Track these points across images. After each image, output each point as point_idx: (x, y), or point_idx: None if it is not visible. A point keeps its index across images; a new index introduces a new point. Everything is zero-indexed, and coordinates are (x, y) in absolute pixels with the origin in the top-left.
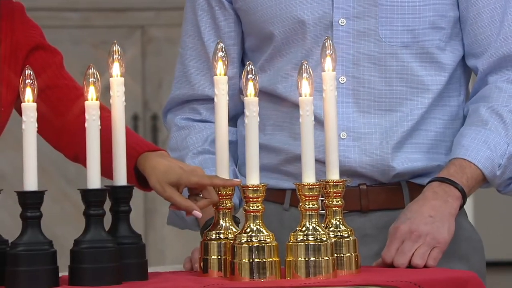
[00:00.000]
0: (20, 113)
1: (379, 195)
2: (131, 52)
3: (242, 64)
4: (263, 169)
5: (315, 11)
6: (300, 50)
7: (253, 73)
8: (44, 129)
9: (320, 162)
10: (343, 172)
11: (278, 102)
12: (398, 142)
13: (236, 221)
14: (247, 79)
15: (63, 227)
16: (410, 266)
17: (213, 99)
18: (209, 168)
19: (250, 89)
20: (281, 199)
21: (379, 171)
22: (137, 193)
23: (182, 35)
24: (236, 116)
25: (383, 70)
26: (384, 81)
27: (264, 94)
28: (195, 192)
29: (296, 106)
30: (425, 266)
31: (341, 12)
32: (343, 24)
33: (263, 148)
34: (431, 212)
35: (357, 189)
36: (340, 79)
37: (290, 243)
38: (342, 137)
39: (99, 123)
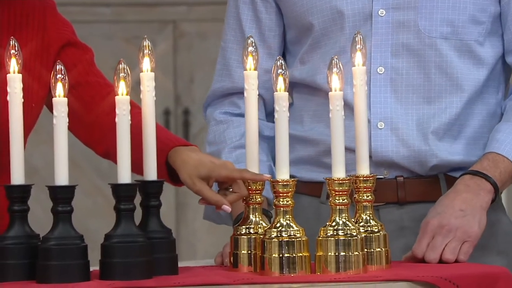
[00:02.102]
0: (51, 110)
1: (416, 187)
2: (163, 47)
3: (285, 57)
4: (301, 161)
5: (354, 2)
6: (339, 41)
7: (283, 67)
8: (74, 125)
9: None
10: (380, 163)
11: (316, 93)
12: (436, 134)
13: (268, 215)
14: (277, 74)
15: (96, 221)
16: (441, 261)
17: None
18: (244, 163)
19: (280, 84)
20: (318, 192)
21: (416, 162)
22: (169, 187)
23: (224, 28)
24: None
25: (422, 62)
26: (423, 72)
27: (303, 86)
28: (225, 186)
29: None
30: (456, 261)
31: (381, 2)
32: (382, 15)
33: (301, 140)
34: (462, 205)
35: (394, 181)
36: (378, 70)
37: (320, 238)
38: (380, 127)
39: (129, 118)
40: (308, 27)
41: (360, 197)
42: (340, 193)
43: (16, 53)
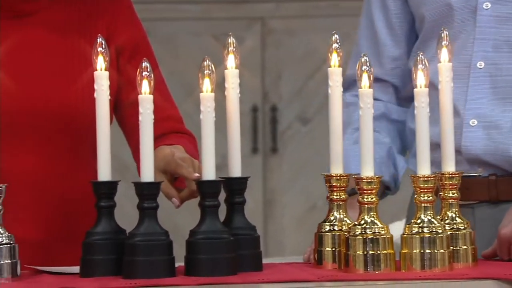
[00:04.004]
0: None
1: (509, 185)
2: (251, 44)
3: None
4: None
5: None
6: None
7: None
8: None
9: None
10: (473, 160)
11: None
12: None
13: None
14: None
15: (185, 217)
16: None
17: (380, 79)
18: None
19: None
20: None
21: (504, 161)
22: (257, 184)
23: (361, 16)
24: (409, 98)
25: None
26: None
27: None
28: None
29: (436, 89)
30: None
31: None
32: (487, 7)
33: None
34: None
35: (485, 179)
36: (478, 64)
37: (405, 235)
38: (472, 124)
39: (213, 114)
40: (421, 19)
41: (446, 194)
42: (425, 190)
43: (103, 50)
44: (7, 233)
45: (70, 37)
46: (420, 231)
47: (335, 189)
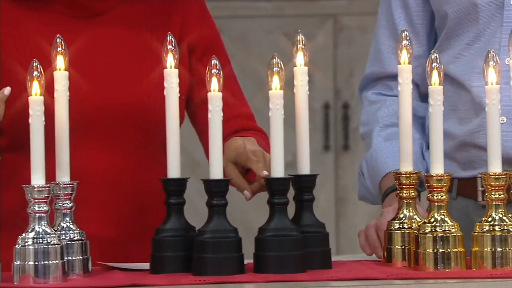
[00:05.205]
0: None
1: None
2: (323, 41)
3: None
4: None
5: None
6: (473, 31)
7: (437, 61)
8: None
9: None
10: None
11: (448, 82)
12: None
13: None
14: (431, 68)
15: (256, 214)
16: None
17: None
18: (396, 140)
19: (435, 77)
20: (449, 187)
21: None
22: (328, 181)
23: (378, 14)
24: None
25: None
26: None
27: None
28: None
29: (463, 88)
30: None
31: None
32: None
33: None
34: None
35: None
36: (506, 61)
37: (476, 234)
38: (501, 122)
39: (282, 112)
40: (444, 16)
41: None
42: (497, 188)
43: (172, 48)
44: (78, 229)
45: (142, 35)
46: (491, 229)
47: (404, 186)
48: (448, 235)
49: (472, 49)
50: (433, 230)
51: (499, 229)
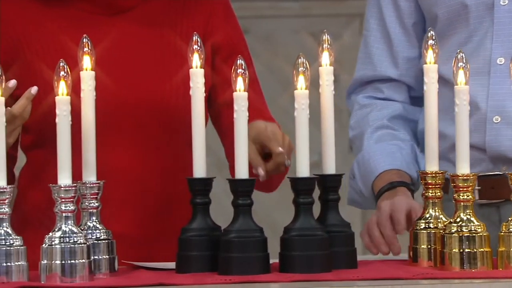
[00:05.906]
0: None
1: None
2: (349, 40)
3: None
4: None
5: None
6: (463, 32)
7: (463, 61)
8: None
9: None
10: (493, 158)
11: (441, 84)
12: None
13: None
14: (457, 68)
15: (282, 213)
16: None
17: (394, 80)
18: (387, 141)
19: (461, 77)
20: (445, 188)
21: None
22: None
23: (366, 17)
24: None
25: None
26: None
27: None
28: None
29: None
30: None
31: None
32: (504, 4)
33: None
34: None
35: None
36: (498, 60)
37: (502, 234)
38: (495, 121)
39: (308, 112)
40: (434, 18)
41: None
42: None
43: (198, 48)
44: (105, 229)
45: (166, 32)
46: None
47: (430, 186)
48: (474, 235)
49: (464, 50)
50: (459, 230)
51: None
